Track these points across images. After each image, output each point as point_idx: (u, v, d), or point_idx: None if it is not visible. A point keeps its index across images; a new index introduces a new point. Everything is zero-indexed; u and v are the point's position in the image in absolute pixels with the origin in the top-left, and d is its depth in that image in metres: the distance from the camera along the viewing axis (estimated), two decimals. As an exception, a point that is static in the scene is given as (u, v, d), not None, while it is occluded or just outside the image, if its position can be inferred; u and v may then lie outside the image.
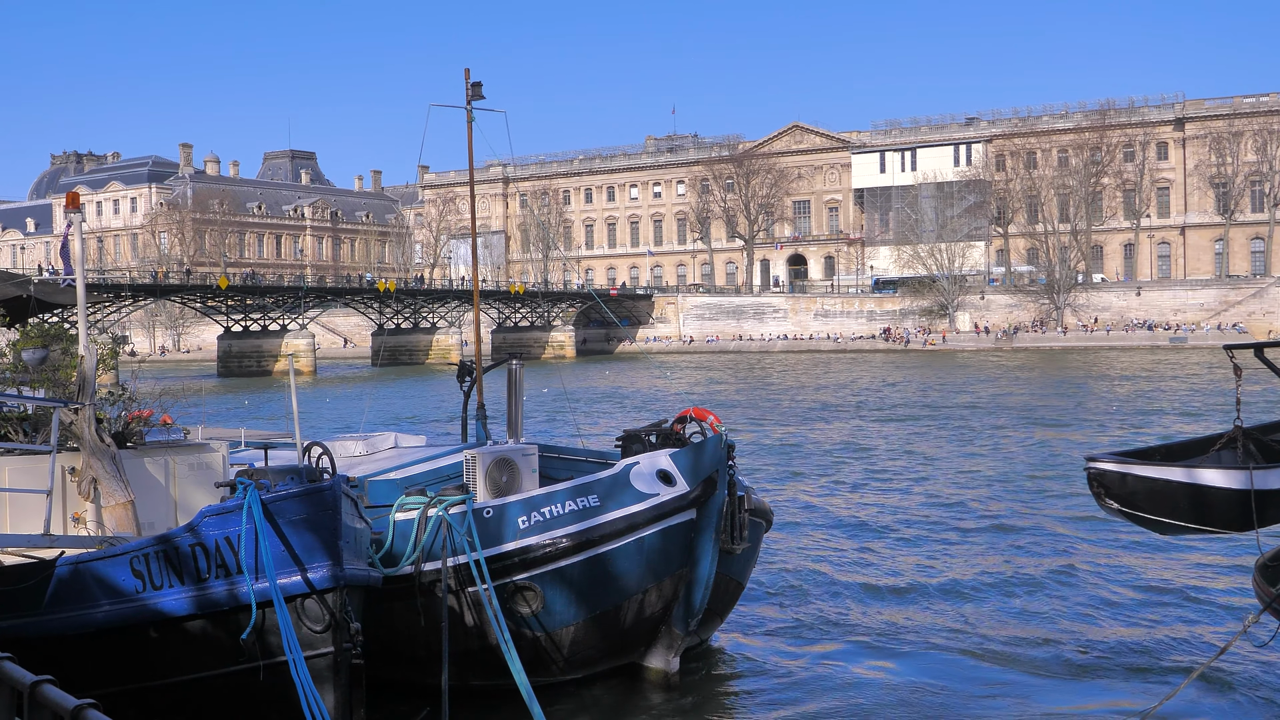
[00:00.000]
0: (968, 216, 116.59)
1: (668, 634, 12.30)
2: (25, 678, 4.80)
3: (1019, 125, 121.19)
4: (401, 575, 11.40)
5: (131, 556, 9.18)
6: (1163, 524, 10.26)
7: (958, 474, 28.71)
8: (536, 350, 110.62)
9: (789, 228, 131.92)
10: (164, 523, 11.59)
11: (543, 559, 11.58)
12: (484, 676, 11.68)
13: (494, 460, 13.09)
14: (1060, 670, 13.00)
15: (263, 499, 8.90)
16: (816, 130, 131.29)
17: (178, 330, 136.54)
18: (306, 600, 9.02)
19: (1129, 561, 18.21)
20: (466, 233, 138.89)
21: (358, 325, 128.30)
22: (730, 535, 12.04)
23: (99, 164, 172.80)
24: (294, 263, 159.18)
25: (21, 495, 11.11)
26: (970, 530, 21.23)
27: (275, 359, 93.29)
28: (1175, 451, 10.72)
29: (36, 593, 9.28)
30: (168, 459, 12.15)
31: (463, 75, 17.50)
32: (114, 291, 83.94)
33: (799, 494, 25.99)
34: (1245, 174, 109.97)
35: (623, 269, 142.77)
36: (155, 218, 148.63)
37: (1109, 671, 12.94)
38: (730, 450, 11.98)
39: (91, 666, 9.10)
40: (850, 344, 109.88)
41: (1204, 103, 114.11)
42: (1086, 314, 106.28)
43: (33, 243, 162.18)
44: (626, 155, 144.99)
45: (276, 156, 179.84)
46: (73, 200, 11.96)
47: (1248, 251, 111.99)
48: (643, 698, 12.23)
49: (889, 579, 17.49)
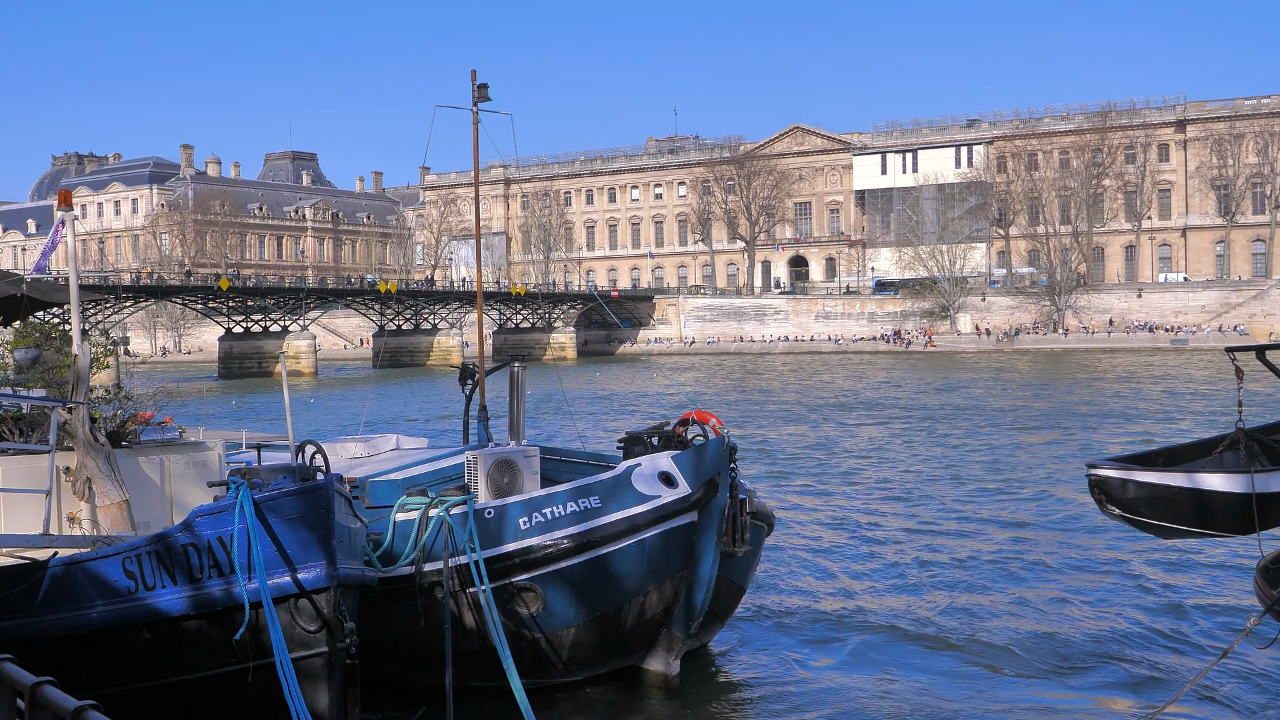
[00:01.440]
0: (969, 218, 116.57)
1: (668, 636, 12.22)
2: (26, 679, 4.74)
3: (1020, 127, 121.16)
4: (402, 576, 11.32)
5: (124, 556, 9.09)
6: (1165, 529, 10.19)
7: (959, 477, 28.61)
8: (538, 352, 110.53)
9: (790, 229, 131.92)
10: (159, 522, 11.50)
11: (544, 560, 11.49)
12: (484, 678, 11.60)
13: (495, 461, 13.02)
14: (1062, 673, 12.92)
15: (255, 498, 8.80)
16: (818, 132, 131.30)
17: (179, 331, 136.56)
18: (300, 600, 8.93)
19: (1130, 564, 18.12)
20: (468, 234, 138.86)
21: (359, 327, 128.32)
22: (732, 538, 11.97)
23: (100, 165, 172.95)
24: (295, 264, 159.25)
25: (16, 495, 11.01)
26: (971, 534, 21.15)
27: (276, 360, 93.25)
28: (1177, 454, 10.64)
29: (29, 593, 9.18)
30: (163, 458, 12.05)
31: (463, 76, 17.63)
32: (114, 292, 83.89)
33: (801, 497, 25.91)
34: (1246, 176, 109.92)
35: (624, 270, 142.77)
36: (156, 219, 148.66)
37: (1112, 674, 12.86)
38: (732, 452, 11.91)
39: (85, 667, 9.01)
40: (851, 345, 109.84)
41: (1205, 104, 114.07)
42: (1087, 316, 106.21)
43: (34, 244, 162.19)
44: (628, 156, 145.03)
45: (278, 157, 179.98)
46: (65, 198, 11.85)
47: (1249, 253, 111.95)
48: (643, 700, 12.15)
49: (890, 582, 17.40)
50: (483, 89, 17.62)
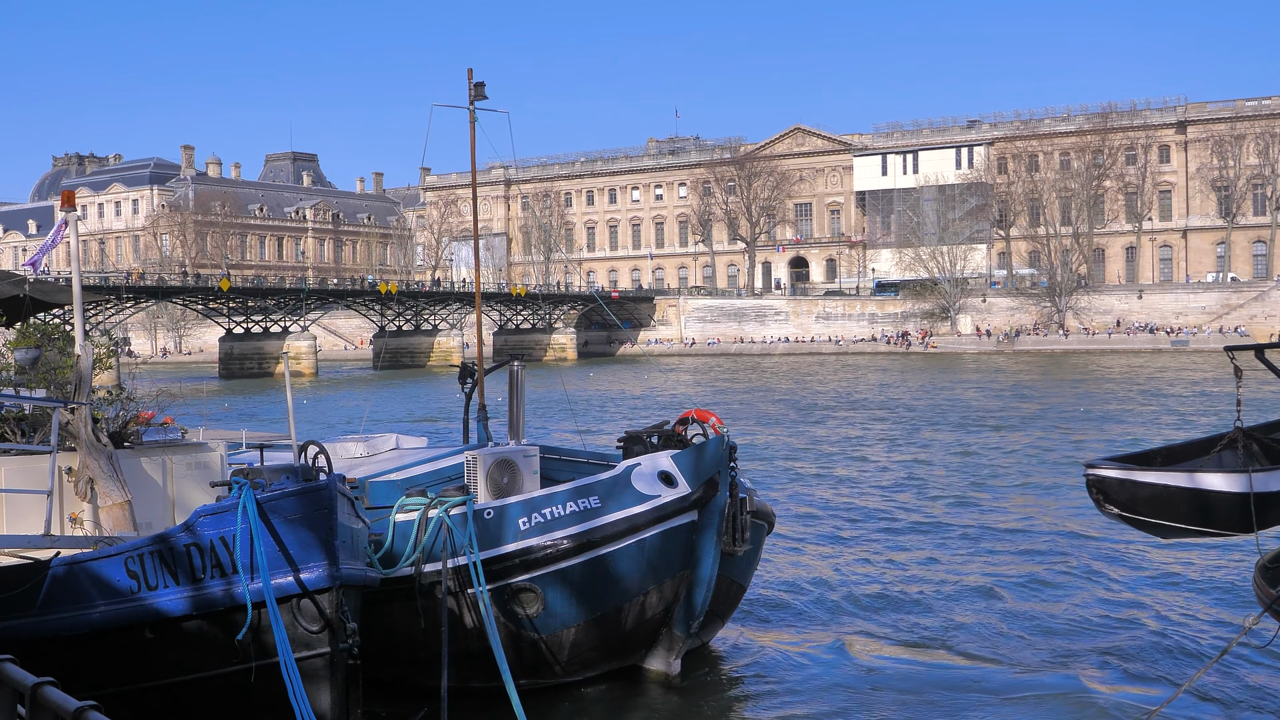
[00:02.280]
0: (969, 219, 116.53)
1: (669, 636, 12.24)
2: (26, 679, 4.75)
3: (1021, 128, 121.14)
4: (402, 576, 11.33)
5: (126, 557, 9.09)
6: (1164, 528, 10.21)
7: (958, 476, 28.63)
8: (538, 352, 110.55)
9: (790, 230, 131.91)
10: (161, 523, 11.50)
11: (543, 560, 11.50)
12: (484, 678, 11.60)
13: (495, 461, 13.02)
14: (1060, 672, 12.93)
15: (257, 498, 8.81)
16: (818, 133, 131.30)
17: (179, 332, 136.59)
18: (302, 600, 8.94)
19: (1128, 563, 18.15)
20: (468, 235, 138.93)
21: (359, 327, 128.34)
22: (732, 537, 11.97)
23: (101, 166, 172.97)
24: (295, 265, 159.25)
25: (19, 495, 11.03)
26: (970, 532, 21.17)
27: (277, 361, 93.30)
28: (1176, 454, 10.65)
29: (30, 594, 9.19)
30: (165, 459, 12.06)
31: (464, 78, 17.43)
32: (115, 293, 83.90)
33: (801, 496, 25.91)
34: (1247, 177, 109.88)
35: (624, 271, 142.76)
36: (157, 220, 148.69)
37: (1109, 674, 12.87)
38: (732, 452, 11.91)
39: (86, 668, 9.02)
40: (852, 346, 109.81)
41: (1206, 106, 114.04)
42: (1088, 317, 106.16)
43: (34, 245, 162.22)
44: (628, 157, 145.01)
45: (278, 158, 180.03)
46: (68, 199, 11.88)
47: (1250, 254, 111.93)
48: (643, 700, 12.16)
49: (890, 581, 17.42)
50: (479, 88, 17.57)
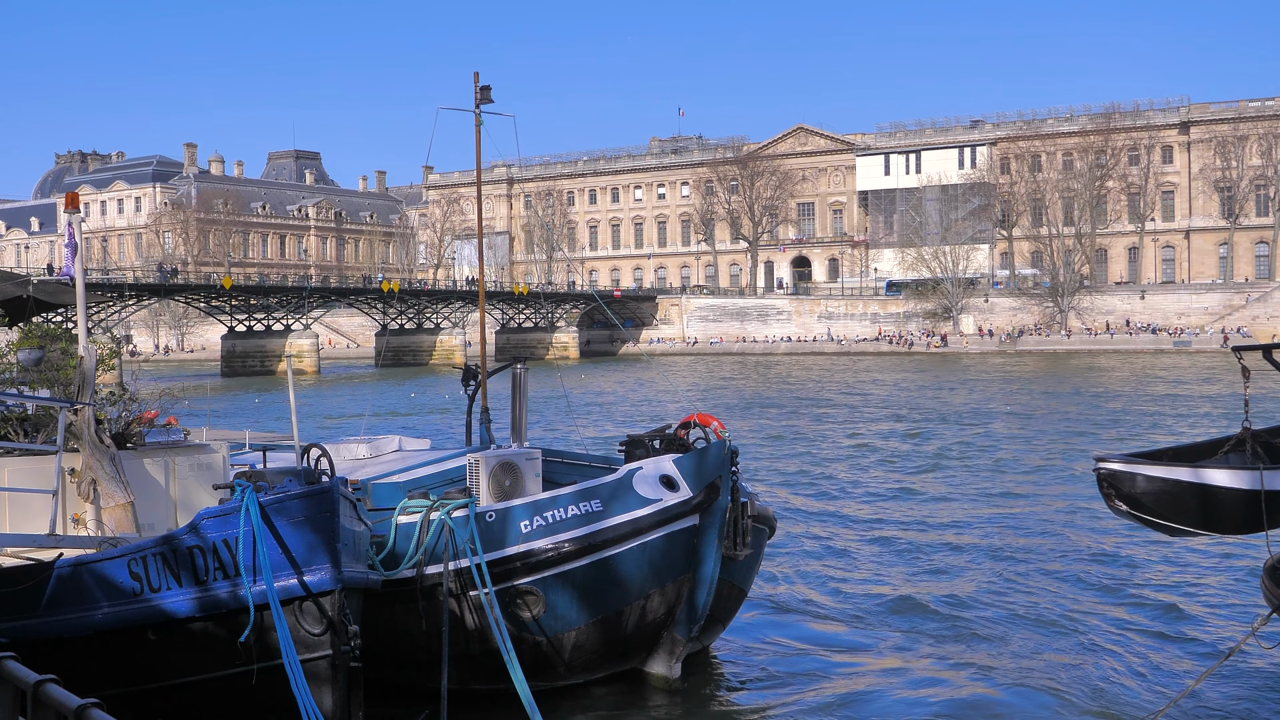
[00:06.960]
0: (972, 219, 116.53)
1: (670, 639, 12.24)
2: (29, 677, 4.76)
3: (1024, 128, 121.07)
4: (403, 578, 11.35)
5: (130, 558, 9.12)
6: (1172, 528, 10.20)
7: (961, 477, 28.62)
8: (540, 351, 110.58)
9: (793, 230, 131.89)
10: (164, 524, 11.53)
11: (545, 563, 11.52)
12: (486, 680, 11.63)
13: (498, 464, 13.02)
14: (1066, 672, 12.92)
15: (260, 501, 8.84)
16: (821, 132, 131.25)
17: (181, 330, 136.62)
18: (304, 602, 8.96)
19: (1136, 562, 18.16)
20: (471, 233, 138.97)
21: (362, 326, 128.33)
22: (733, 541, 11.99)
23: (103, 163, 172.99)
24: (298, 263, 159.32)
25: (22, 496, 11.04)
26: (974, 533, 21.16)
27: (279, 359, 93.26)
28: (1184, 454, 10.67)
29: (34, 594, 9.22)
30: (168, 460, 12.08)
31: (467, 75, 17.44)
32: (118, 291, 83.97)
33: (802, 500, 25.92)
34: (1250, 178, 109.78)
35: (626, 270, 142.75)
36: (160, 217, 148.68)
37: (1117, 673, 12.87)
38: (734, 456, 11.93)
39: (90, 668, 9.04)
40: (854, 346, 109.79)
41: (1209, 106, 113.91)
42: (1090, 317, 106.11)
43: (37, 242, 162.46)
44: (631, 157, 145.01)
45: (281, 156, 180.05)
46: (72, 200, 11.90)
47: (1252, 255, 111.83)
48: (645, 703, 12.18)
49: (892, 584, 17.42)
50: (485, 91, 17.57)
